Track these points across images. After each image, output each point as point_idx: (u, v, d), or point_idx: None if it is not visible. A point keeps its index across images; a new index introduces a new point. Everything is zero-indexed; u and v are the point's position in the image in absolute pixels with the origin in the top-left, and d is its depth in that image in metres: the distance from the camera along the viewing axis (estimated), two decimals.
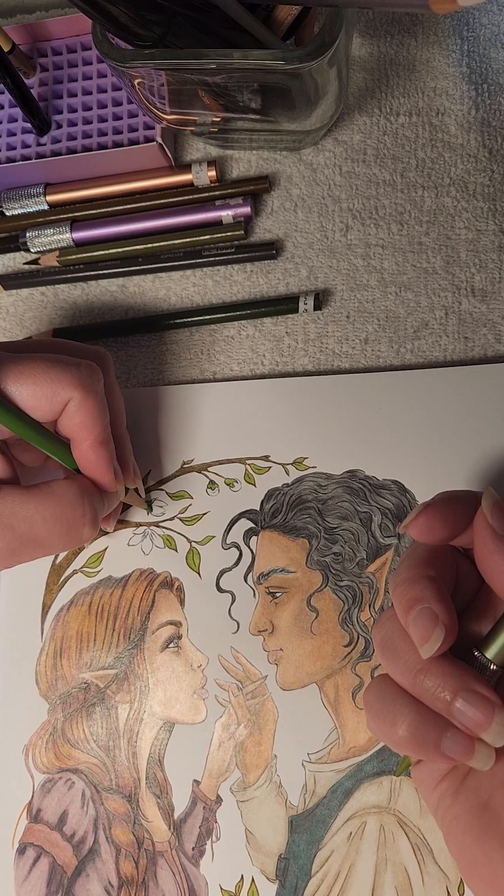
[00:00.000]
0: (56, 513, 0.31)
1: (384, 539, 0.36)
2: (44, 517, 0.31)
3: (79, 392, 0.30)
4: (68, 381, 0.30)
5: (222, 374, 0.41)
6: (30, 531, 0.31)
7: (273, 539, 0.37)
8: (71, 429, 0.31)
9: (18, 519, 0.30)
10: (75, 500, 0.31)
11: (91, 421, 0.31)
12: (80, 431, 0.31)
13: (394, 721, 0.26)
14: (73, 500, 0.31)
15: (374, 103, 0.42)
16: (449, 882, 0.32)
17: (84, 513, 0.31)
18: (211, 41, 0.33)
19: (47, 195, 0.43)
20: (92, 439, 0.31)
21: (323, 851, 0.33)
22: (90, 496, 0.32)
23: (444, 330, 0.39)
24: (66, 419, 0.31)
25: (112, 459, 0.32)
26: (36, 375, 0.30)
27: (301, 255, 0.41)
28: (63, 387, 0.30)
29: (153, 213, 0.42)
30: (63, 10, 0.45)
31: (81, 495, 0.31)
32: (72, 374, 0.30)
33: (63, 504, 0.31)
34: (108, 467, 0.32)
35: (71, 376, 0.30)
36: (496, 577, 0.27)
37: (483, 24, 0.41)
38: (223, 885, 0.33)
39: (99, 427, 0.31)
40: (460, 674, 0.25)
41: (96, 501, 0.32)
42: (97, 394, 0.31)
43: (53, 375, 0.30)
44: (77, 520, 0.31)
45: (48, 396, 0.30)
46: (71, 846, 0.34)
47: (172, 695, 0.36)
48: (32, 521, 0.30)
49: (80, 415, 0.31)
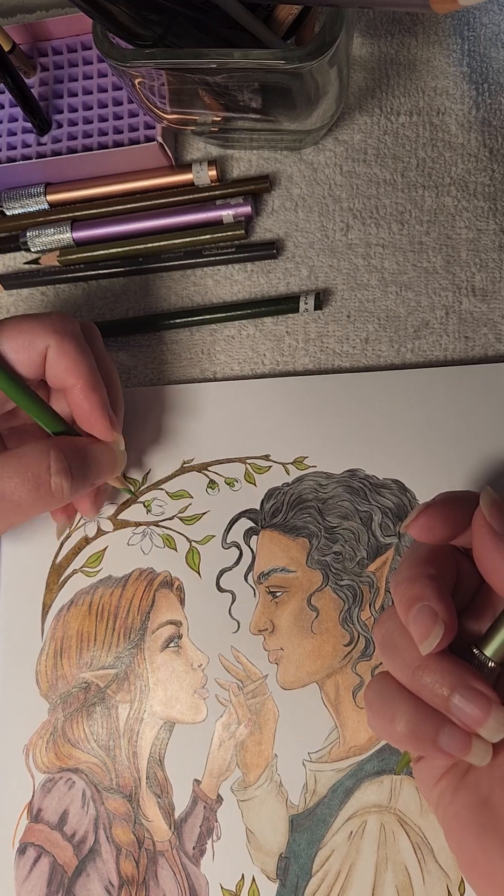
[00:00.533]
0: (18, 468, 0.31)
1: (384, 538, 0.36)
2: (8, 474, 0.31)
3: (54, 337, 0.31)
4: (41, 329, 0.31)
5: (223, 374, 0.41)
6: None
7: (273, 538, 0.37)
8: (58, 377, 0.32)
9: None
10: (39, 454, 0.31)
11: (74, 364, 0.32)
12: (67, 377, 0.32)
13: (392, 717, 0.26)
14: (36, 453, 0.31)
15: (375, 103, 0.42)
16: (449, 881, 0.32)
17: (49, 463, 0.31)
18: (211, 41, 0.33)
19: (48, 195, 0.43)
20: (81, 383, 0.32)
21: (323, 851, 0.33)
22: (57, 449, 0.32)
23: (444, 329, 0.39)
24: (50, 369, 0.32)
25: (105, 404, 0.33)
26: (10, 329, 0.31)
27: (301, 254, 0.41)
28: (38, 335, 0.31)
29: (153, 213, 0.42)
30: (63, 9, 0.45)
31: (46, 448, 0.32)
32: (43, 322, 0.31)
33: (26, 459, 0.31)
34: (102, 413, 0.32)
35: (42, 324, 0.31)
36: (494, 575, 0.27)
37: (484, 24, 0.41)
38: (224, 885, 0.33)
39: (87, 371, 0.32)
40: (458, 670, 0.25)
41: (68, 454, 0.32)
42: (74, 336, 0.32)
43: (26, 327, 0.31)
44: (42, 473, 0.31)
45: (25, 347, 0.31)
46: (71, 846, 0.34)
47: (173, 694, 0.36)
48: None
49: (63, 360, 0.31)
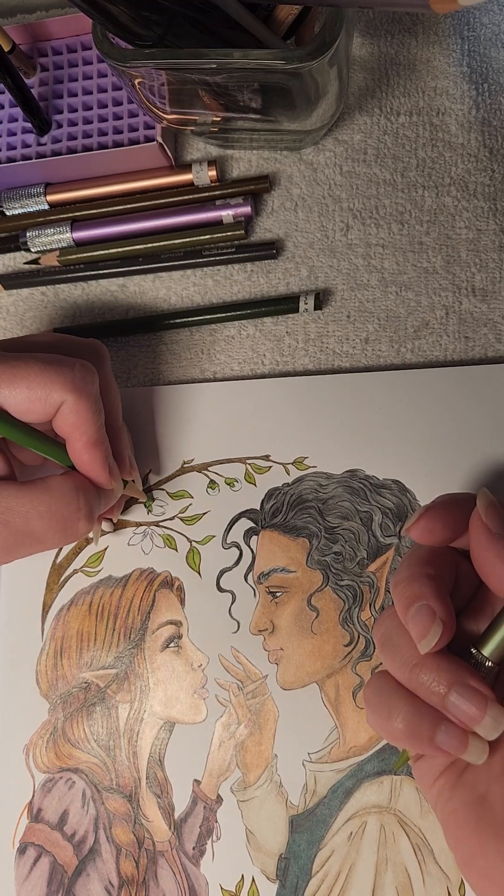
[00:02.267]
0: (52, 508, 0.31)
1: (385, 538, 0.36)
2: (39, 512, 0.31)
3: (72, 395, 0.31)
4: (61, 384, 0.30)
5: (223, 374, 0.41)
6: (25, 526, 0.31)
7: (273, 538, 0.37)
8: (64, 430, 0.32)
9: (14, 514, 0.31)
10: (70, 495, 0.31)
11: (84, 422, 0.31)
12: (73, 432, 0.31)
13: (390, 714, 0.26)
14: (68, 495, 0.31)
15: (375, 103, 0.42)
16: (450, 882, 0.32)
17: (79, 507, 0.32)
18: (211, 41, 0.33)
19: (47, 195, 0.43)
20: (85, 440, 0.32)
21: (323, 851, 0.33)
22: (85, 491, 0.32)
23: (444, 329, 0.39)
24: (59, 420, 0.31)
25: (106, 458, 0.32)
26: (29, 379, 0.30)
27: (301, 254, 0.41)
28: (56, 389, 0.30)
29: (153, 213, 0.42)
30: (63, 9, 0.45)
31: (76, 490, 0.32)
32: (65, 376, 0.31)
33: (58, 499, 0.31)
34: (103, 466, 0.32)
35: (64, 378, 0.30)
36: (491, 576, 0.27)
37: (483, 24, 0.41)
38: (223, 885, 0.33)
39: (92, 428, 0.32)
40: (455, 668, 0.26)
41: (91, 496, 0.32)
42: (91, 395, 0.31)
43: (47, 378, 0.30)
44: (72, 514, 0.32)
45: (41, 399, 0.30)
46: (71, 846, 0.34)
47: (173, 694, 0.36)
48: (28, 516, 0.31)
49: (74, 417, 0.31)
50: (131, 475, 0.36)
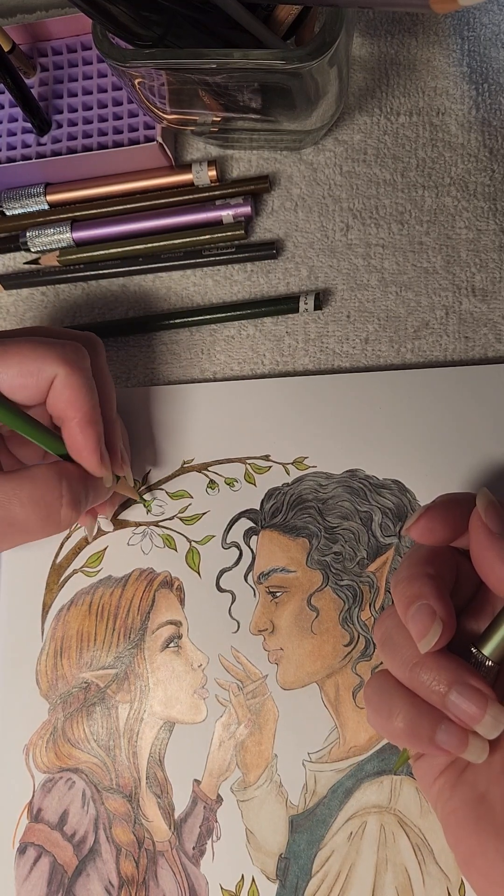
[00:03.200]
0: (33, 495, 0.31)
1: (385, 538, 0.36)
2: (21, 500, 0.31)
3: (63, 368, 0.31)
4: (53, 358, 0.31)
5: (222, 374, 0.41)
6: (6, 514, 0.31)
7: (273, 538, 0.37)
8: (59, 407, 0.32)
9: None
10: (53, 482, 0.31)
11: (77, 398, 0.31)
12: (67, 409, 0.32)
13: (391, 713, 0.26)
14: (50, 481, 0.31)
15: (375, 103, 0.42)
16: (450, 883, 0.32)
17: (61, 494, 0.32)
18: (211, 41, 0.33)
19: (47, 195, 0.43)
20: (79, 417, 0.32)
21: (323, 851, 0.33)
22: (69, 479, 0.32)
23: (444, 329, 0.39)
24: (53, 397, 0.31)
25: (99, 441, 0.32)
26: (22, 354, 0.31)
27: (301, 254, 0.41)
28: (48, 363, 0.31)
29: (153, 213, 0.42)
30: (63, 9, 0.45)
31: (59, 477, 0.32)
32: (56, 351, 0.31)
33: (40, 486, 0.31)
34: (95, 448, 0.32)
35: (55, 353, 0.31)
36: (491, 575, 0.27)
37: (483, 24, 0.41)
38: (223, 885, 0.33)
39: (87, 405, 0.32)
40: (455, 667, 0.26)
41: (77, 484, 0.32)
42: (83, 370, 0.32)
43: (38, 353, 0.31)
44: (55, 501, 0.31)
45: (33, 373, 0.31)
46: (71, 846, 0.34)
47: (173, 694, 0.36)
48: (9, 504, 0.31)
49: (67, 391, 0.31)
50: (123, 470, 0.36)
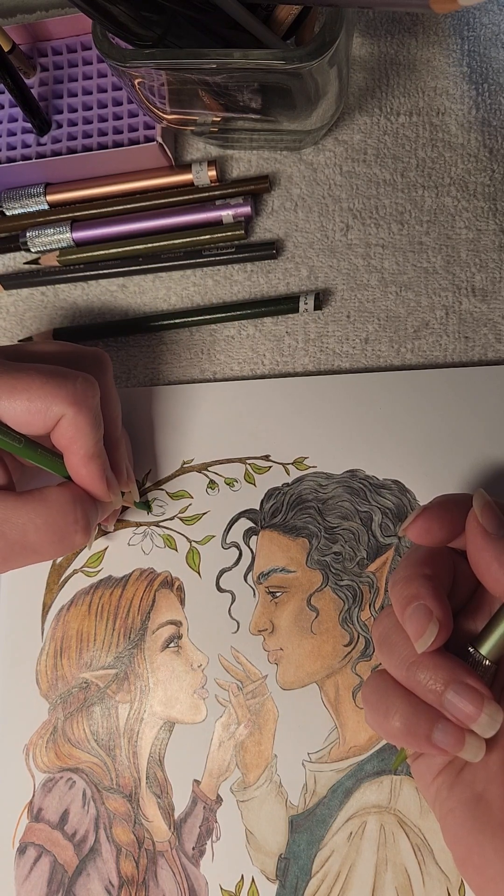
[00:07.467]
0: (48, 520, 0.31)
1: (384, 538, 0.36)
2: (36, 525, 0.31)
3: (72, 409, 0.30)
4: (62, 398, 0.30)
5: (222, 374, 0.41)
6: (22, 538, 0.31)
7: (273, 538, 0.37)
8: (62, 442, 0.31)
9: (11, 526, 0.30)
10: (67, 508, 0.31)
11: (82, 437, 0.31)
12: (70, 445, 0.31)
13: (388, 713, 0.26)
14: (65, 507, 0.31)
15: (375, 103, 0.42)
16: (450, 883, 0.32)
17: (76, 519, 0.31)
18: (211, 41, 0.33)
19: (47, 195, 0.43)
20: (82, 454, 0.31)
21: (323, 851, 0.33)
22: (83, 503, 0.32)
23: (444, 330, 0.39)
24: (57, 433, 0.31)
25: (103, 471, 0.32)
26: (30, 391, 0.30)
27: (301, 254, 0.41)
28: (56, 403, 0.30)
29: (153, 213, 0.42)
30: (63, 9, 0.45)
31: (74, 502, 0.31)
32: (66, 389, 0.30)
33: (55, 511, 0.31)
34: (100, 479, 0.32)
35: (65, 392, 0.30)
36: (487, 575, 0.27)
37: (483, 24, 0.41)
38: (223, 885, 0.33)
39: (90, 442, 0.31)
40: (452, 667, 0.26)
41: (89, 508, 0.32)
42: (91, 409, 0.31)
43: (47, 391, 0.30)
44: (69, 527, 0.31)
45: (41, 412, 0.30)
46: (72, 845, 0.34)
47: (173, 694, 0.36)
48: (25, 528, 0.31)
49: (72, 430, 0.31)
50: (128, 486, 0.36)
